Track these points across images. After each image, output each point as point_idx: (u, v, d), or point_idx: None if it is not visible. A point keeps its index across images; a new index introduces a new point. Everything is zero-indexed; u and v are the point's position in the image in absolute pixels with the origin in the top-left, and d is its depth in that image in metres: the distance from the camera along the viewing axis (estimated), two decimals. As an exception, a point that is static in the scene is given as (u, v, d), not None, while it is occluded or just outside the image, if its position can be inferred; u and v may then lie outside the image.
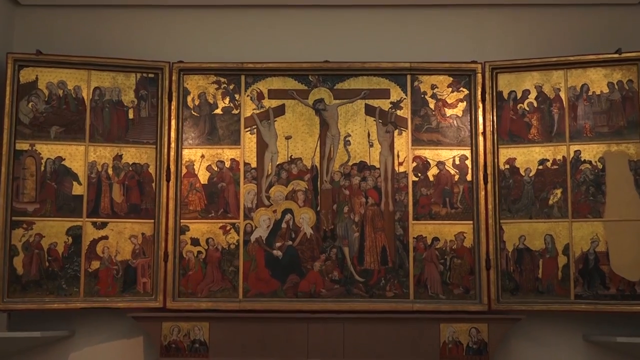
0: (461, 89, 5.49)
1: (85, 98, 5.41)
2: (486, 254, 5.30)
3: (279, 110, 5.52)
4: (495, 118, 5.42)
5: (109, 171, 5.39)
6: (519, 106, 5.43)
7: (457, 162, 5.44)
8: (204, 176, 5.45)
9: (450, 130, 5.47)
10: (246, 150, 5.48)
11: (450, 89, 5.49)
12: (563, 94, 5.39)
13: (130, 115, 5.47)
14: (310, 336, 5.15)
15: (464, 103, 5.48)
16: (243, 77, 5.53)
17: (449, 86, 5.50)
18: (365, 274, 5.35)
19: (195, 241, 5.39)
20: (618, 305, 5.15)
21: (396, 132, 5.47)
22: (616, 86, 5.33)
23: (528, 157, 5.38)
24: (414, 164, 5.44)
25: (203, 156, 5.47)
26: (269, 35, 5.75)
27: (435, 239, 5.35)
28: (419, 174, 5.43)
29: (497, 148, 5.40)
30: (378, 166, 5.45)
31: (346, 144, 5.47)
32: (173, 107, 5.46)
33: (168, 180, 5.41)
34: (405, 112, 5.49)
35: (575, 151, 5.32)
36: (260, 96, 5.53)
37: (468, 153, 5.43)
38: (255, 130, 5.50)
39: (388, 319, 5.19)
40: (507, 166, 5.39)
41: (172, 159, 5.42)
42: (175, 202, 5.39)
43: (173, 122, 5.45)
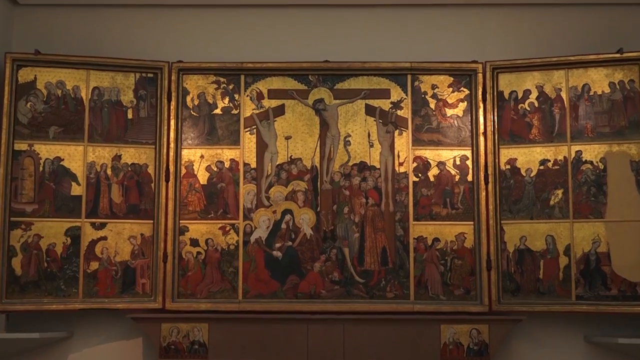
0: (462, 88, 5.47)
1: (84, 98, 5.40)
2: (487, 254, 5.28)
3: (279, 110, 5.51)
4: (496, 118, 5.41)
5: (108, 171, 5.38)
6: (519, 106, 5.42)
7: (458, 163, 5.42)
8: (203, 176, 5.44)
9: (450, 130, 5.45)
10: (246, 151, 5.46)
11: (450, 89, 5.48)
12: (564, 94, 5.38)
13: (129, 115, 5.46)
14: (310, 337, 5.14)
15: (465, 103, 5.46)
16: (243, 77, 5.52)
17: (449, 86, 5.48)
18: (365, 274, 5.34)
19: (194, 242, 5.37)
20: (619, 306, 5.14)
21: (396, 132, 5.46)
22: (617, 86, 5.31)
23: (529, 158, 5.36)
24: (415, 164, 5.42)
25: (202, 156, 5.45)
26: (269, 34, 5.73)
27: (436, 239, 5.34)
28: (420, 175, 5.41)
29: (498, 148, 5.39)
30: (378, 166, 5.43)
31: (346, 144, 5.46)
32: (172, 107, 5.45)
33: (167, 181, 5.39)
34: (405, 112, 5.47)
35: (577, 151, 5.31)
36: (259, 96, 5.51)
37: (469, 153, 5.41)
38: (254, 130, 5.49)
39: (388, 320, 5.18)
40: (508, 166, 5.38)
41: (172, 159, 5.41)
42: (174, 203, 5.38)
43: (172, 122, 5.44)
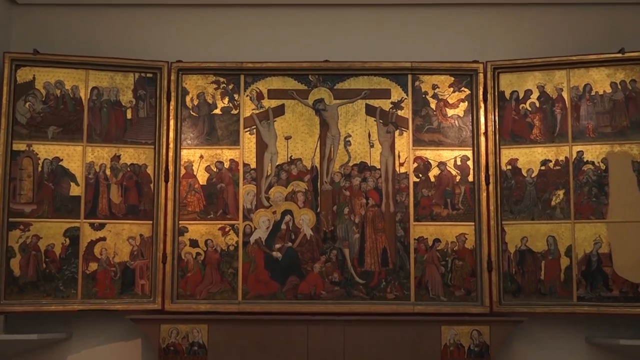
0: (463, 88, 5.45)
1: (82, 98, 5.38)
2: (488, 255, 5.26)
3: (279, 111, 5.49)
4: (497, 118, 5.39)
5: (107, 172, 5.36)
6: (521, 106, 5.40)
7: (459, 163, 5.40)
8: (202, 177, 5.42)
9: (451, 130, 5.43)
10: (245, 151, 5.44)
11: (451, 89, 5.46)
12: (565, 94, 5.36)
13: (129, 116, 5.44)
14: (310, 338, 5.12)
15: (466, 103, 5.44)
16: (242, 77, 5.50)
17: (450, 86, 5.46)
18: (365, 275, 5.32)
19: (194, 242, 5.36)
20: (621, 307, 5.12)
21: (397, 133, 5.44)
22: (619, 86, 5.30)
23: (530, 158, 5.34)
24: (415, 165, 5.40)
25: (202, 157, 5.43)
26: (269, 34, 5.71)
27: (437, 240, 5.32)
28: (420, 175, 5.39)
29: (499, 148, 5.37)
30: (379, 167, 5.41)
31: (346, 145, 5.44)
32: (172, 107, 5.43)
33: (166, 181, 5.37)
34: (406, 112, 5.45)
35: (578, 152, 5.29)
36: (259, 96, 5.49)
37: (469, 153, 5.39)
38: (254, 130, 5.47)
39: (389, 321, 5.17)
40: (509, 167, 5.36)
41: (171, 159, 5.39)
42: (173, 203, 5.36)
43: (172, 123, 5.42)
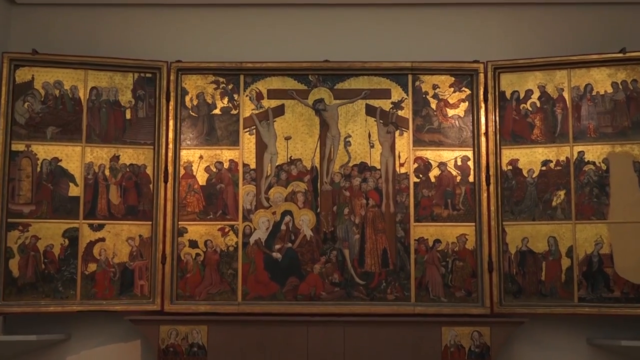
0: (463, 88, 5.44)
1: (81, 98, 5.37)
2: (488, 256, 5.25)
3: (279, 111, 5.47)
4: (497, 118, 5.37)
5: (106, 172, 5.34)
6: (521, 106, 5.38)
7: (459, 163, 5.38)
8: (202, 177, 5.40)
9: (452, 130, 5.42)
10: (245, 151, 5.43)
11: (452, 89, 5.44)
12: (566, 94, 5.34)
13: (128, 116, 5.42)
14: (310, 340, 5.11)
15: (466, 103, 5.43)
16: (242, 77, 5.48)
17: (450, 86, 5.45)
18: (365, 276, 5.30)
19: (193, 243, 5.34)
20: (622, 308, 5.10)
21: (397, 133, 5.42)
22: (620, 86, 5.28)
23: (531, 158, 5.32)
24: (415, 165, 5.39)
25: (201, 157, 5.42)
26: (268, 34, 5.70)
27: (437, 241, 5.30)
28: (421, 175, 5.38)
29: (500, 149, 5.35)
30: (379, 167, 5.40)
31: (346, 145, 5.42)
32: (171, 107, 5.42)
33: (166, 182, 5.35)
34: (406, 113, 5.44)
35: (579, 152, 5.27)
36: (259, 96, 5.48)
37: (470, 154, 5.37)
38: (254, 130, 5.45)
39: (389, 323, 5.16)
40: (510, 167, 5.34)
41: (170, 159, 5.38)
42: (173, 204, 5.34)
43: (171, 123, 5.41)
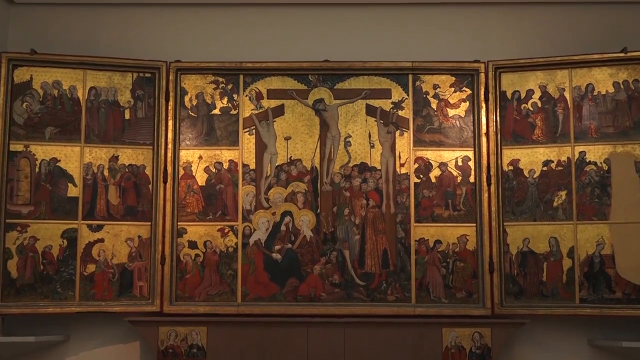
0: (464, 88, 5.42)
1: (80, 98, 5.36)
2: (489, 257, 5.23)
3: (278, 111, 5.45)
4: (498, 118, 5.36)
5: (105, 173, 5.33)
6: (522, 106, 5.37)
7: (460, 164, 5.37)
8: (201, 178, 5.39)
9: (452, 130, 5.40)
10: (245, 152, 5.41)
11: (452, 89, 5.43)
12: (568, 94, 5.32)
13: (127, 116, 5.41)
14: (310, 341, 5.09)
15: (467, 103, 5.41)
16: (241, 77, 5.47)
17: (451, 86, 5.43)
18: (366, 277, 5.29)
19: (192, 244, 5.32)
20: (624, 309, 5.09)
21: (397, 133, 5.41)
22: (622, 86, 5.26)
23: (532, 158, 5.31)
24: (416, 165, 5.37)
25: (201, 157, 5.40)
26: (268, 34, 5.69)
27: (438, 241, 5.29)
28: (421, 176, 5.36)
29: (501, 149, 5.33)
30: (379, 167, 5.38)
31: (347, 145, 5.40)
32: (170, 108, 5.41)
33: (165, 182, 5.34)
34: (406, 113, 5.42)
35: (580, 152, 5.26)
36: (259, 96, 5.46)
37: (471, 154, 5.36)
38: (254, 130, 5.44)
39: (389, 324, 5.14)
40: (511, 167, 5.33)
41: (169, 160, 5.36)
42: (172, 204, 5.33)
43: (170, 123, 5.39)
